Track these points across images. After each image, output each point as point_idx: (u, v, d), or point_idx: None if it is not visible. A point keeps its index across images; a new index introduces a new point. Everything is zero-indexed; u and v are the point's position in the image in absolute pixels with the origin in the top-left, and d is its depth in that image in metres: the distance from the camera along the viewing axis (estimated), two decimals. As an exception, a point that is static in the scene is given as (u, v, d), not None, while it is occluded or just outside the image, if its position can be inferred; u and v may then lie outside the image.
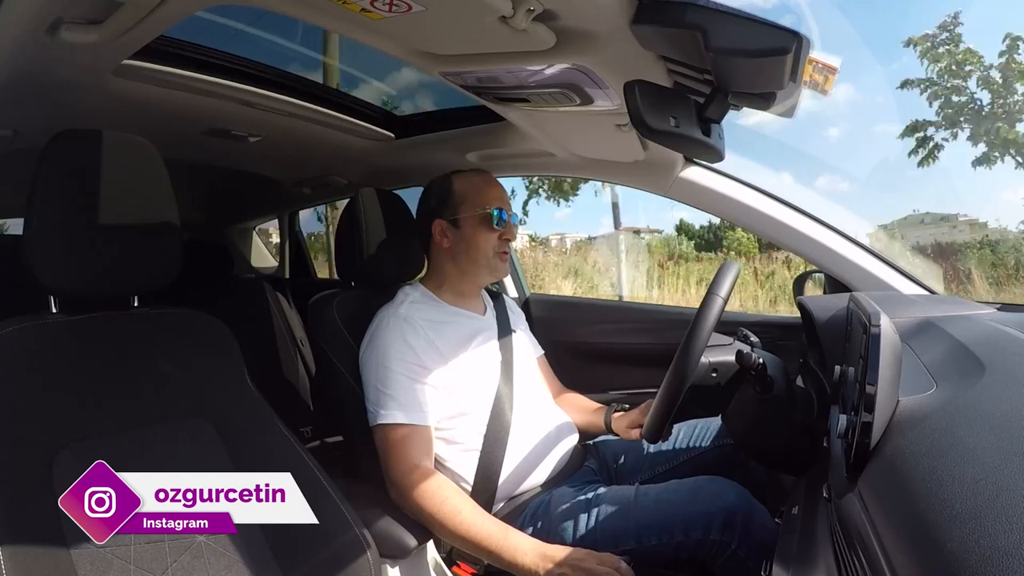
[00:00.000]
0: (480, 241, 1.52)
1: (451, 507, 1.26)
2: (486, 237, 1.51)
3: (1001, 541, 0.42)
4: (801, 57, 0.88)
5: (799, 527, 0.96)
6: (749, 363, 1.16)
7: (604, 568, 1.14)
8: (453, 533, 1.26)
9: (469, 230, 1.52)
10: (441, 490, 1.29)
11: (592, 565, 1.15)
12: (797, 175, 12.09)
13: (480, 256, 1.52)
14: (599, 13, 0.94)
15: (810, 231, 1.70)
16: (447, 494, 1.28)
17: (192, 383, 1.15)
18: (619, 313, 2.36)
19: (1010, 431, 0.56)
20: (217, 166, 2.23)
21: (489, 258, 1.53)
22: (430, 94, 1.98)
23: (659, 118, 0.94)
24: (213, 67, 1.44)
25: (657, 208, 26.92)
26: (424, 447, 1.35)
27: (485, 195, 1.53)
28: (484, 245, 1.52)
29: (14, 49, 1.07)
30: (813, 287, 1.86)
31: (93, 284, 1.07)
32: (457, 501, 1.28)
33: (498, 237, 1.52)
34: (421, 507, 1.27)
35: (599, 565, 1.15)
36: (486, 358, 1.52)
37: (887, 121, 17.64)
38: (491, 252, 1.52)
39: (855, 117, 16.28)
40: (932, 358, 0.92)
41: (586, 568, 1.15)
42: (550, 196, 10.34)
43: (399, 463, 1.32)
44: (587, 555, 1.17)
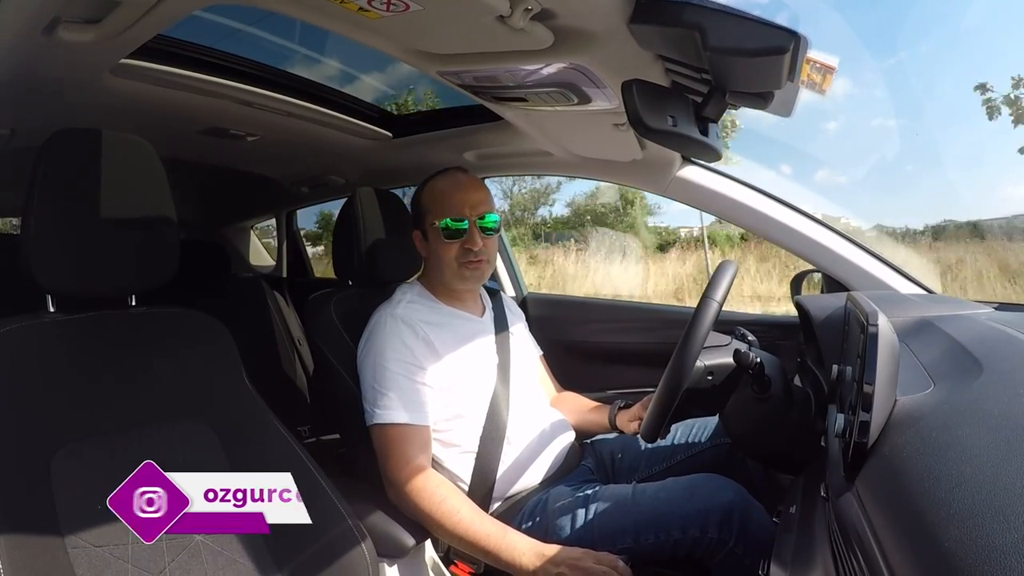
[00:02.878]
0: (441, 253, 1.49)
1: (449, 507, 1.26)
2: (445, 248, 1.48)
3: (999, 540, 0.42)
4: (799, 56, 0.87)
5: (797, 526, 0.96)
6: (747, 362, 1.16)
7: (602, 567, 1.14)
8: (451, 533, 1.26)
9: (433, 240, 1.50)
10: (439, 489, 1.29)
11: (589, 564, 1.15)
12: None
13: (445, 267, 1.50)
14: (597, 12, 0.94)
15: (808, 230, 1.71)
16: (445, 493, 1.28)
17: (189, 382, 1.15)
18: (617, 312, 2.36)
19: (1007, 430, 0.56)
20: (215, 165, 2.23)
21: (454, 269, 1.49)
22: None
23: (657, 117, 0.94)
24: (211, 66, 1.44)
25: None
26: (421, 446, 1.35)
27: (444, 203, 1.49)
28: (445, 255, 1.48)
29: (11, 48, 1.07)
30: (810, 286, 1.87)
31: (90, 283, 1.07)
32: (455, 501, 1.28)
33: (459, 247, 1.48)
34: (419, 506, 1.27)
35: (596, 564, 1.15)
36: (482, 360, 1.52)
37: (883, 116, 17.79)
38: (455, 264, 1.49)
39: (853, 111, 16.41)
40: (930, 357, 0.92)
41: (584, 567, 1.15)
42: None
43: (396, 462, 1.32)
44: (584, 554, 1.17)
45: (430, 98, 3.17)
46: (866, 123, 19.99)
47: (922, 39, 20.60)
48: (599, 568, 1.14)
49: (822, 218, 1.74)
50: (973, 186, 15.32)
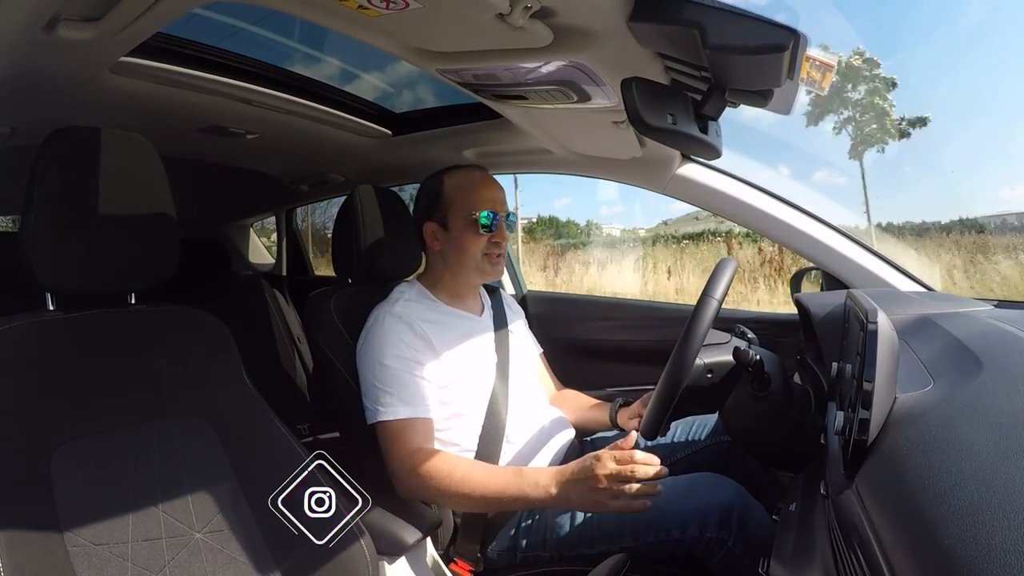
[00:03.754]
0: (468, 244, 1.50)
1: (461, 474, 1.26)
2: (474, 241, 1.49)
3: (998, 537, 0.42)
4: (798, 54, 0.87)
5: (796, 524, 0.96)
6: (746, 360, 1.16)
7: (624, 466, 1.14)
8: (472, 498, 1.25)
9: (458, 233, 1.51)
10: (446, 462, 1.28)
11: (610, 467, 1.15)
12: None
13: (468, 259, 1.51)
14: (596, 10, 0.94)
15: (807, 228, 1.70)
16: (452, 463, 1.28)
17: (190, 380, 1.15)
18: (616, 310, 2.36)
19: (1007, 427, 0.56)
20: (214, 163, 2.23)
21: (478, 261, 1.51)
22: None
23: (656, 115, 0.94)
24: (211, 64, 1.43)
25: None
26: (425, 435, 1.35)
27: (475, 197, 1.51)
28: (472, 248, 1.50)
29: (11, 46, 1.07)
30: (810, 284, 1.86)
31: (90, 281, 1.07)
32: (464, 467, 1.28)
33: (487, 240, 1.50)
34: (432, 486, 1.26)
35: (617, 463, 1.15)
36: (481, 359, 1.52)
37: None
38: (479, 256, 1.51)
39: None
40: (929, 355, 0.92)
41: (608, 472, 1.14)
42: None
43: (400, 453, 1.31)
44: (598, 458, 1.16)
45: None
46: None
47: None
48: (623, 468, 1.14)
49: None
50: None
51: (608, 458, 1.16)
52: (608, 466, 1.15)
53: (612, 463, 1.15)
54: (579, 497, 1.18)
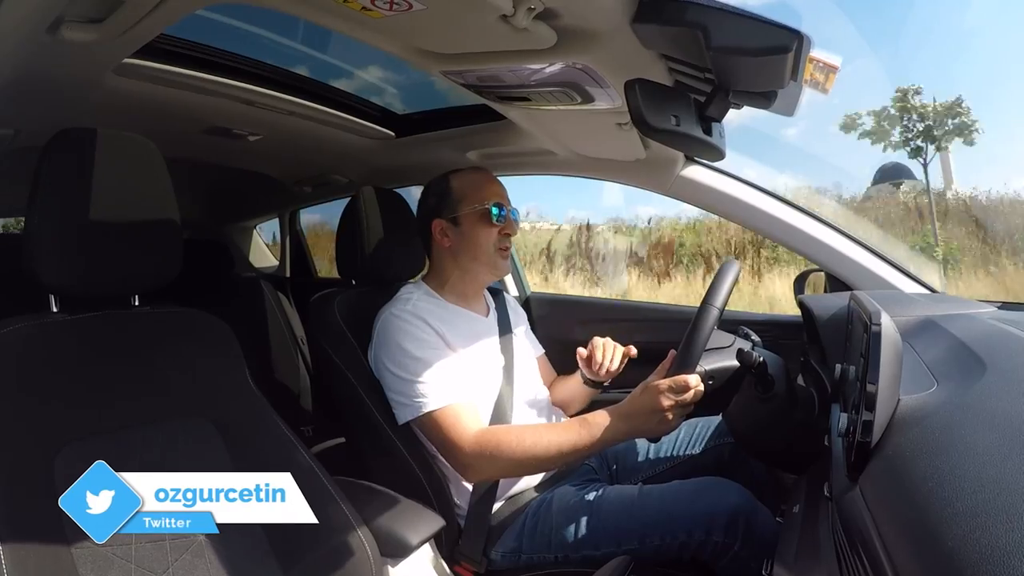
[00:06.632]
0: (480, 238, 1.51)
1: (531, 440, 1.25)
2: (486, 233, 1.50)
3: (1003, 539, 0.42)
4: (802, 56, 0.87)
5: (800, 526, 0.96)
6: (750, 362, 1.16)
7: (682, 396, 1.15)
8: (548, 459, 1.25)
9: (469, 227, 1.51)
10: (511, 433, 1.28)
11: (668, 397, 1.15)
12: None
13: (481, 253, 1.51)
14: (600, 12, 0.94)
15: (811, 229, 1.70)
16: (517, 433, 1.28)
17: (193, 382, 1.15)
18: (620, 311, 2.36)
19: (1011, 429, 0.56)
20: (218, 165, 2.23)
21: (490, 255, 1.52)
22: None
23: (660, 117, 0.94)
24: (214, 65, 1.44)
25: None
26: (473, 415, 1.34)
27: (484, 192, 1.52)
28: (485, 241, 1.51)
29: (15, 48, 1.07)
30: (813, 286, 1.86)
31: (94, 283, 1.07)
32: (530, 433, 1.27)
33: (499, 232, 1.51)
34: (507, 459, 1.26)
35: (676, 395, 1.15)
36: (489, 361, 1.52)
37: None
38: (492, 249, 1.51)
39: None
40: (933, 357, 0.91)
41: (676, 398, 1.15)
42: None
43: (462, 438, 1.29)
44: (657, 387, 1.17)
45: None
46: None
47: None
48: (686, 395, 1.15)
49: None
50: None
51: (665, 387, 1.16)
52: (668, 396, 1.16)
53: (669, 393, 1.16)
54: (644, 425, 1.19)
